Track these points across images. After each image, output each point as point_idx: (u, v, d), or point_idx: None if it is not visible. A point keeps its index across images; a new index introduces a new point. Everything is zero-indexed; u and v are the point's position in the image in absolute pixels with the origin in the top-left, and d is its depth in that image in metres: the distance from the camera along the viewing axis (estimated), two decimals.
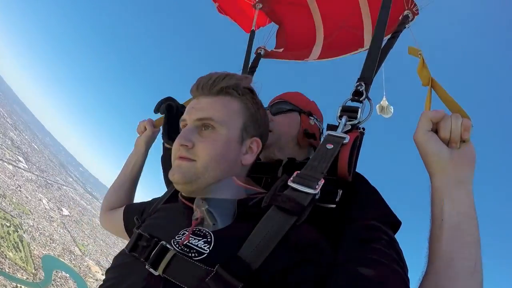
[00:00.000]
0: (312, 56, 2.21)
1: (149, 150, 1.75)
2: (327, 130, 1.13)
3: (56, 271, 79.55)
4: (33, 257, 74.51)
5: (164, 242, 0.85)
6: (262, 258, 0.74)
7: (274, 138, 1.40)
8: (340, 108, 1.19)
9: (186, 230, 0.88)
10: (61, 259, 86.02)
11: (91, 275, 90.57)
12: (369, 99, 1.24)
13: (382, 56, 1.42)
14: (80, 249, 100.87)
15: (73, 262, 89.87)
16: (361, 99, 1.23)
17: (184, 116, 1.07)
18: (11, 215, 79.27)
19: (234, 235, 0.82)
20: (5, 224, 74.81)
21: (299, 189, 0.85)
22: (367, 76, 1.28)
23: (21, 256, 70.56)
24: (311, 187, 0.84)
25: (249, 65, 2.07)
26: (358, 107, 1.17)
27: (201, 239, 0.84)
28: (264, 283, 0.74)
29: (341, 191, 0.95)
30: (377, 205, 1.07)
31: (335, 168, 0.98)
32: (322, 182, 0.86)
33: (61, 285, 76.79)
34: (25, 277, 62.70)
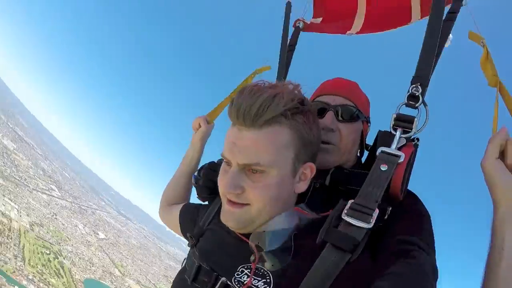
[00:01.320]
0: (354, 29, 2.12)
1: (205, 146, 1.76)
2: (380, 142, 1.09)
3: None
4: (75, 282, 75.65)
5: (225, 279, 0.91)
6: None
7: (336, 154, 1.31)
8: (394, 116, 1.07)
9: (244, 268, 0.92)
10: (103, 282, 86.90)
11: None
12: (425, 105, 1.11)
13: (440, 46, 1.18)
14: (119, 270, 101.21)
15: (114, 283, 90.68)
16: (416, 105, 1.10)
17: (226, 153, 0.95)
18: (49, 243, 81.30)
19: (293, 276, 0.84)
20: (45, 252, 75.87)
21: (354, 223, 0.82)
22: (424, 75, 1.11)
23: (64, 282, 70.87)
24: (366, 221, 0.82)
25: (288, 43, 1.86)
26: (414, 117, 1.05)
27: (260, 280, 0.86)
28: None
29: (390, 208, 0.91)
30: (420, 227, 0.99)
31: (388, 187, 0.93)
32: (377, 213, 0.84)
33: None
34: None
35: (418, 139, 1.08)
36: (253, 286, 0.86)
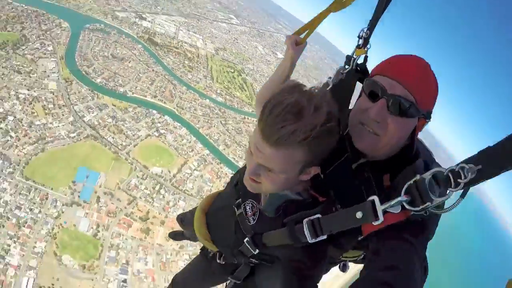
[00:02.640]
0: None
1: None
2: (403, 175, 1.19)
3: None
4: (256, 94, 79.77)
5: (240, 201, 1.73)
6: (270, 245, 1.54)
7: (382, 144, 1.33)
8: (418, 178, 1.05)
9: (255, 204, 1.64)
10: None
11: None
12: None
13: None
14: None
15: None
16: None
17: (253, 149, 1.27)
18: (233, 63, 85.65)
19: (268, 224, 1.53)
20: (229, 71, 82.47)
21: (304, 231, 1.29)
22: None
23: (246, 94, 77.11)
24: (311, 237, 1.28)
25: None
26: (431, 199, 0.99)
27: (254, 213, 1.63)
28: (262, 255, 1.68)
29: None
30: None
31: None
32: (324, 237, 1.28)
33: None
34: (250, 110, 67.91)
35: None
36: (248, 216, 1.66)
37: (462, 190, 0.90)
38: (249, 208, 1.67)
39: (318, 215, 1.27)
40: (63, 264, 28.50)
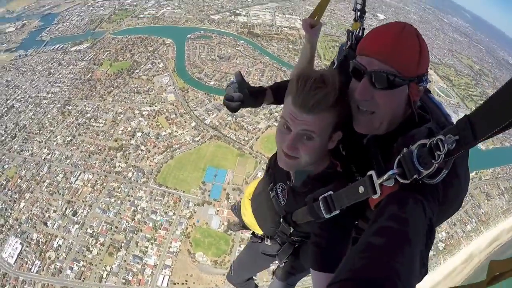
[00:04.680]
0: None
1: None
2: (404, 141, 1.17)
3: None
4: None
5: (272, 186, 1.90)
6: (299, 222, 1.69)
7: (378, 122, 1.36)
8: (405, 152, 1.07)
9: (284, 186, 1.81)
10: None
11: None
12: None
13: None
14: None
15: None
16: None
17: (287, 119, 1.39)
18: (336, 36, 75.10)
19: (295, 203, 1.68)
20: (334, 45, 72.11)
21: (320, 209, 1.36)
22: None
23: None
24: (325, 213, 1.35)
25: None
26: (420, 171, 1.01)
27: (284, 197, 1.81)
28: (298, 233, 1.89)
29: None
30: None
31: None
32: (336, 212, 1.33)
33: None
34: None
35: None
36: (279, 192, 1.85)
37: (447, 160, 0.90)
38: (279, 191, 1.84)
39: (330, 192, 1.34)
40: (197, 261, 29.67)
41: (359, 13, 2.13)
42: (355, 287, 0.73)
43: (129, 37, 59.83)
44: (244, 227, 2.94)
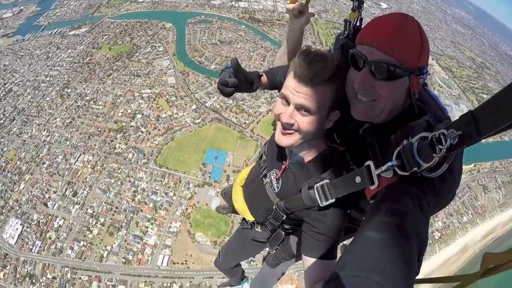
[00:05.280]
0: None
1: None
2: (402, 132, 1.17)
3: None
4: None
5: (266, 173, 1.86)
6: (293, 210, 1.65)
7: (378, 110, 1.32)
8: (401, 146, 1.06)
9: (277, 170, 1.76)
10: None
11: None
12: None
13: None
14: None
15: None
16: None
17: (286, 93, 1.40)
18: (338, 23, 74.22)
19: (289, 190, 1.65)
20: (336, 32, 70.94)
21: (316, 196, 1.41)
22: None
23: None
24: (321, 201, 1.40)
25: None
26: (421, 164, 0.99)
27: (278, 184, 1.75)
28: (291, 220, 1.81)
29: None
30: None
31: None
32: (332, 201, 1.37)
33: None
34: None
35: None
36: (272, 179, 1.79)
37: (448, 155, 0.89)
38: (273, 177, 1.80)
39: (326, 180, 1.39)
40: (196, 241, 29.77)
41: (357, 2, 2.07)
42: (355, 284, 0.73)
43: (128, 21, 58.97)
44: (234, 211, 2.89)
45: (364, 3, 2.14)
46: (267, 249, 2.46)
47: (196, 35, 56.33)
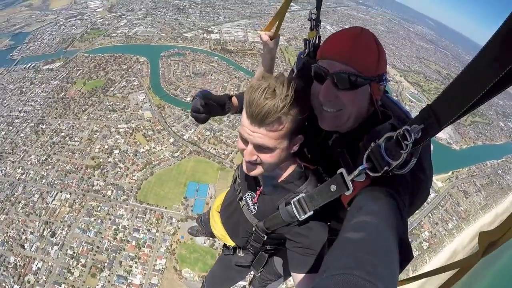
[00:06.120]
0: None
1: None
2: (367, 138, 1.18)
3: None
4: None
5: (242, 195, 1.90)
6: (273, 228, 1.66)
7: (344, 118, 1.38)
8: (371, 147, 1.07)
9: (254, 194, 1.79)
10: None
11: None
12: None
13: None
14: None
15: None
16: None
17: (243, 134, 1.41)
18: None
19: (266, 210, 1.69)
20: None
21: (294, 212, 1.40)
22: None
23: None
24: (299, 215, 1.39)
25: None
26: (390, 163, 1.01)
27: (255, 205, 1.79)
28: (272, 240, 1.79)
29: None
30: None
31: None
32: (310, 214, 1.36)
33: None
34: None
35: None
36: (249, 201, 1.83)
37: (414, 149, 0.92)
38: (249, 199, 1.83)
39: (303, 194, 1.38)
40: (183, 277, 29.54)
41: (314, 22, 2.18)
42: (338, 281, 0.72)
43: (102, 55, 59.89)
44: (212, 235, 2.83)
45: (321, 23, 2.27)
46: (252, 272, 2.48)
47: (170, 68, 58.00)
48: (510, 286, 36.51)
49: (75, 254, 30.08)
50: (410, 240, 1.06)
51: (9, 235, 31.44)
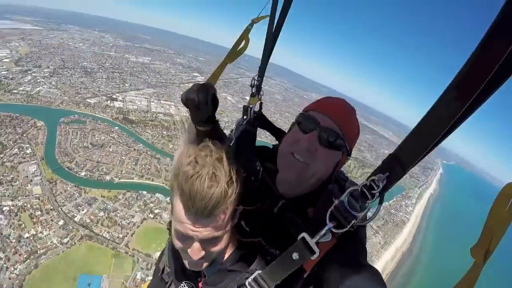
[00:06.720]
0: None
1: None
2: (322, 201, 1.30)
3: None
4: None
5: (180, 286, 1.59)
6: None
7: (310, 173, 1.38)
8: (335, 204, 1.03)
9: (192, 284, 1.57)
10: None
11: None
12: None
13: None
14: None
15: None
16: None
17: (186, 232, 1.24)
18: None
19: None
20: None
21: None
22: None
23: None
24: None
25: None
26: (355, 216, 1.00)
27: None
28: None
29: None
30: None
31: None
32: None
33: None
34: None
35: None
36: None
37: (379, 198, 0.96)
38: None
39: (259, 271, 1.23)
40: None
41: (256, 89, 2.09)
42: None
43: None
44: None
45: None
46: None
47: (68, 136, 57.27)
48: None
49: None
50: None
51: None
